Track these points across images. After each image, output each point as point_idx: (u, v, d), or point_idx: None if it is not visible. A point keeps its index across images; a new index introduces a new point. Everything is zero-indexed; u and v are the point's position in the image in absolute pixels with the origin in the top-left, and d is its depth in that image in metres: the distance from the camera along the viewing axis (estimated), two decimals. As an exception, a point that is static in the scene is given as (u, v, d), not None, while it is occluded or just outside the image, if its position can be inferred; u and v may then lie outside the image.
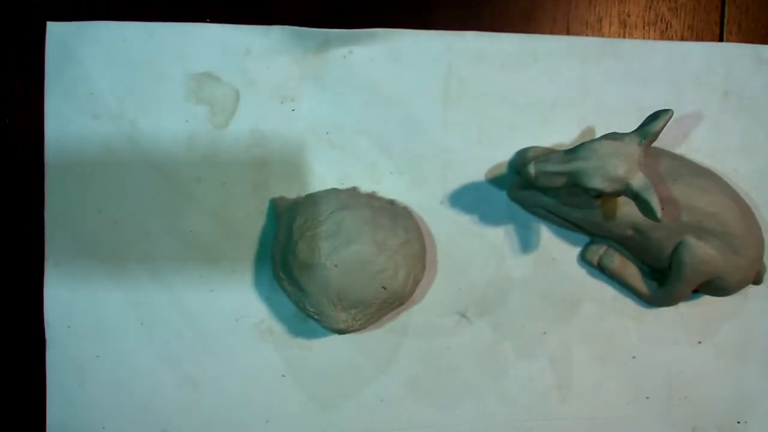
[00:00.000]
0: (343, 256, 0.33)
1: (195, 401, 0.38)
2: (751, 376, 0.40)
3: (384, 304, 0.34)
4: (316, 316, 0.34)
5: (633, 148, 0.31)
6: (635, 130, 0.32)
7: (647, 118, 0.32)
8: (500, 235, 0.39)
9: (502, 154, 0.38)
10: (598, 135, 0.38)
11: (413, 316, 0.39)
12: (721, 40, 0.39)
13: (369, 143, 0.38)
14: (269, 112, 0.38)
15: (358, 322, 0.34)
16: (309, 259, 0.33)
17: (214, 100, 0.38)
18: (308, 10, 0.38)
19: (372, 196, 0.38)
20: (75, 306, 0.38)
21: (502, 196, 0.39)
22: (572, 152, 0.32)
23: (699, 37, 0.39)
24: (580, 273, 0.39)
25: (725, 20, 0.39)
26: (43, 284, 0.38)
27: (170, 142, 0.38)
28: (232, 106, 0.38)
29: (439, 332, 0.39)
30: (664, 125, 0.32)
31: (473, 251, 0.39)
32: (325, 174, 0.38)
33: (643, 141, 0.31)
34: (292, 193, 0.38)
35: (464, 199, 0.39)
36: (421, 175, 0.38)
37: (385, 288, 0.33)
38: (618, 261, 0.38)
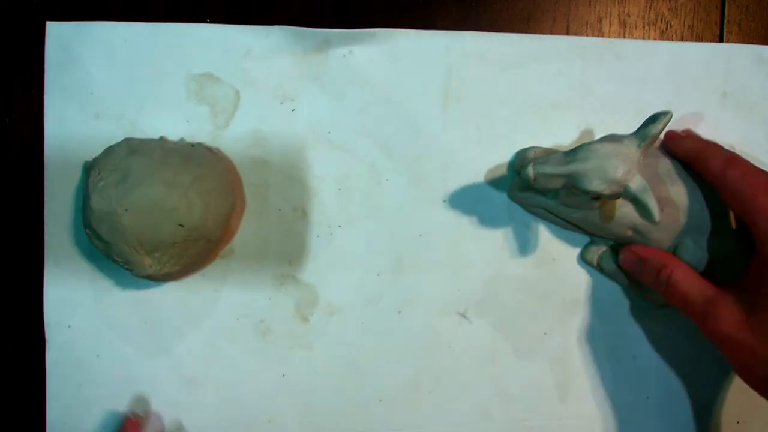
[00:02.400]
0: (131, 199, 0.33)
1: (195, 401, 0.38)
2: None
3: (189, 243, 0.34)
4: (125, 266, 0.34)
5: (632, 150, 0.31)
6: (634, 132, 0.32)
7: (646, 120, 0.32)
8: (500, 236, 0.39)
9: (502, 155, 0.38)
10: (597, 136, 0.38)
11: (411, 317, 0.39)
12: (721, 40, 0.39)
13: (369, 143, 0.38)
14: (269, 112, 0.38)
15: (167, 265, 0.34)
16: (102, 209, 0.33)
17: (215, 101, 0.38)
18: (308, 10, 0.38)
19: (166, 140, 0.37)
20: (75, 306, 0.38)
21: (502, 196, 0.39)
22: (571, 154, 0.32)
23: (699, 37, 0.39)
24: (580, 273, 0.39)
25: (725, 20, 0.39)
26: (43, 284, 0.38)
27: (170, 142, 0.38)
28: (233, 106, 0.38)
29: (439, 332, 0.39)
30: (664, 127, 0.32)
31: (473, 251, 0.39)
32: (325, 174, 0.38)
33: (642, 143, 0.31)
34: (293, 194, 0.38)
35: (464, 199, 0.39)
36: (421, 175, 0.38)
37: (182, 225, 0.33)
38: (617, 261, 0.38)
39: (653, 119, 0.32)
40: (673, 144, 0.36)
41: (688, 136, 0.37)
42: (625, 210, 0.35)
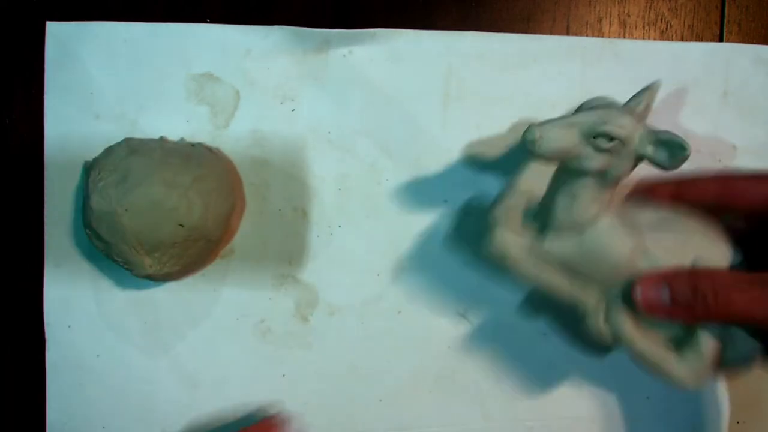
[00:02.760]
0: (131, 199, 0.33)
1: (195, 401, 0.38)
2: (750, 376, 0.40)
3: (189, 243, 0.34)
4: (124, 266, 0.34)
5: (628, 108, 0.30)
6: (625, 104, 0.31)
7: (635, 94, 0.31)
8: (500, 235, 0.39)
9: (502, 154, 0.38)
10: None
11: (411, 316, 0.39)
12: (721, 40, 0.39)
13: (369, 143, 0.38)
14: (269, 112, 0.38)
15: (167, 265, 0.34)
16: (102, 209, 0.33)
17: (215, 101, 0.38)
18: (308, 10, 0.38)
19: (166, 140, 0.37)
20: (75, 306, 0.38)
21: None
22: (573, 115, 0.29)
23: (699, 37, 0.39)
24: (580, 273, 0.39)
25: (725, 20, 0.39)
26: (43, 284, 0.38)
27: (170, 142, 0.38)
28: (233, 106, 0.38)
29: (439, 332, 0.39)
30: (654, 95, 0.30)
31: (473, 252, 0.39)
32: (325, 174, 0.38)
33: (633, 106, 0.30)
34: (293, 194, 0.38)
35: (464, 199, 0.39)
36: (421, 175, 0.38)
37: (182, 225, 0.33)
38: (630, 322, 0.30)
39: (642, 92, 0.31)
40: (688, 190, 0.31)
41: (700, 178, 0.31)
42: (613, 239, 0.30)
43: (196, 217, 0.34)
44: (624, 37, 0.39)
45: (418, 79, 0.38)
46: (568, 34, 0.39)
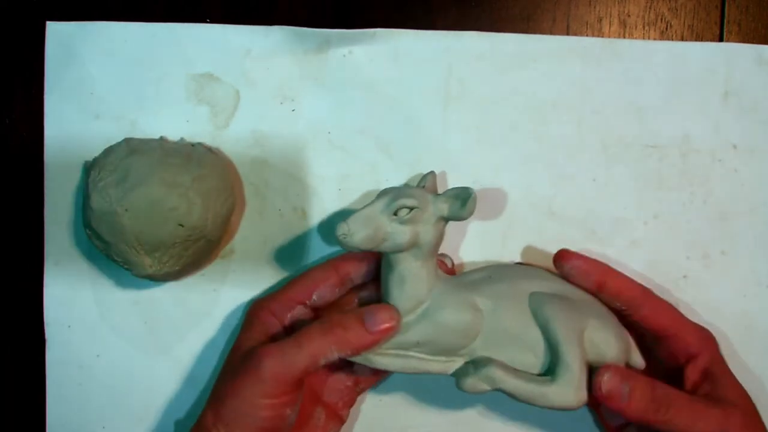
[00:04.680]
0: (131, 199, 0.33)
1: (196, 401, 0.38)
2: (750, 375, 0.40)
3: (189, 243, 0.34)
4: (124, 266, 0.35)
5: (414, 186, 0.34)
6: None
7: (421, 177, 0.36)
8: (499, 235, 0.39)
9: (502, 155, 0.38)
10: (596, 136, 0.38)
11: (413, 316, 0.39)
12: (721, 40, 0.39)
13: (369, 143, 0.38)
14: (269, 112, 0.38)
15: (167, 265, 0.34)
16: (102, 209, 0.33)
17: (215, 101, 0.38)
18: (308, 11, 0.38)
19: (166, 140, 0.37)
20: (75, 306, 0.38)
21: (502, 195, 0.39)
22: (371, 203, 0.31)
23: (699, 37, 0.39)
24: (580, 273, 0.39)
25: (725, 20, 0.39)
26: (42, 284, 0.38)
27: (170, 142, 0.38)
28: (233, 106, 0.38)
29: (439, 332, 0.39)
30: (434, 179, 0.36)
31: (473, 251, 0.39)
32: (324, 174, 0.38)
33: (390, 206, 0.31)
34: (293, 194, 0.38)
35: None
36: (421, 175, 0.38)
37: (182, 225, 0.33)
38: (501, 370, 0.31)
39: (424, 177, 0.36)
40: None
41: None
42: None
43: (196, 217, 0.34)
44: (624, 37, 0.39)
45: (418, 79, 0.38)
46: (568, 34, 0.39)
